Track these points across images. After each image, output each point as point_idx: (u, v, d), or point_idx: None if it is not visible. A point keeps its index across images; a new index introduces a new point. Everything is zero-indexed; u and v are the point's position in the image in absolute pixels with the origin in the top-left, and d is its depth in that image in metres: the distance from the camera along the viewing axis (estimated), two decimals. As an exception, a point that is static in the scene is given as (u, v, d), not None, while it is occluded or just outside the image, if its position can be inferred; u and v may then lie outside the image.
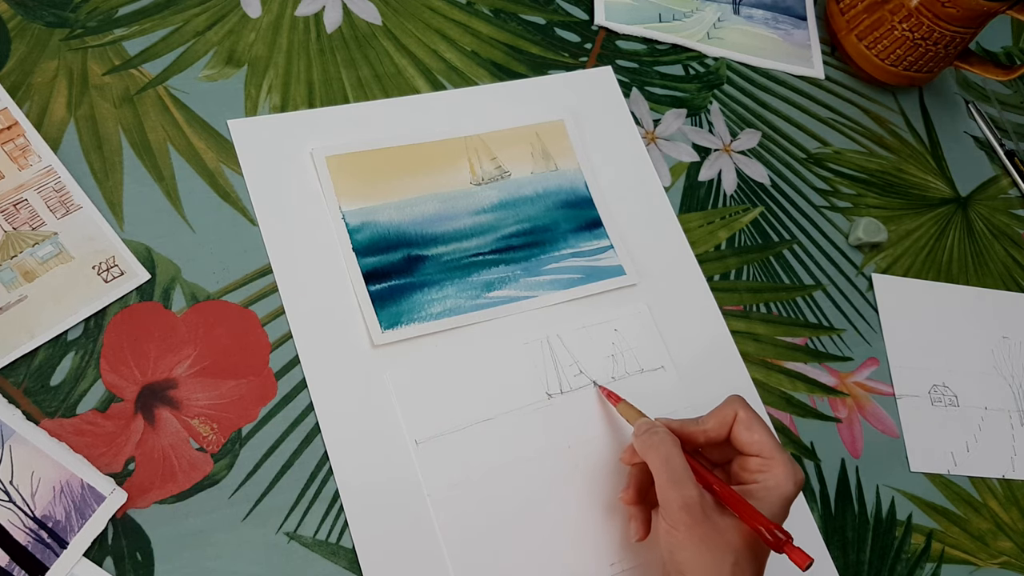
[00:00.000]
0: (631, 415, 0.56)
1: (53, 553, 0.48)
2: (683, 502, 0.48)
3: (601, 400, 0.59)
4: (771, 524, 0.48)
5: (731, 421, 0.53)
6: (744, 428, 0.52)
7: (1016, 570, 0.67)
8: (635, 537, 0.54)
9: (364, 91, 0.66)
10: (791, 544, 0.48)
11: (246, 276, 0.58)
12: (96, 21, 0.63)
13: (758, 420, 0.52)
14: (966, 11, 0.76)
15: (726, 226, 0.72)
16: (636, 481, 0.55)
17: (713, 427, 0.53)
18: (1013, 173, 0.86)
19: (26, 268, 0.54)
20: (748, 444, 0.52)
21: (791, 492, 0.50)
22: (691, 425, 0.53)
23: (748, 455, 0.52)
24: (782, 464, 0.51)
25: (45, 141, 0.57)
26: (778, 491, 0.50)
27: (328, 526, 0.53)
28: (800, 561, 0.47)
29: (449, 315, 0.60)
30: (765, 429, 0.52)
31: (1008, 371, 0.75)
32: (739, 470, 0.52)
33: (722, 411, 0.53)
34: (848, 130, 0.82)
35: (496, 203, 0.65)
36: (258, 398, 0.55)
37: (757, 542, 0.49)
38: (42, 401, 0.51)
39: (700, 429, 0.53)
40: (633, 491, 0.55)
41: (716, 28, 0.81)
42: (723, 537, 0.48)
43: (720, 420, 0.53)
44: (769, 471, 0.51)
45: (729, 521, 0.49)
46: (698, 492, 0.49)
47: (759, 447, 0.51)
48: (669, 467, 0.50)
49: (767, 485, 0.50)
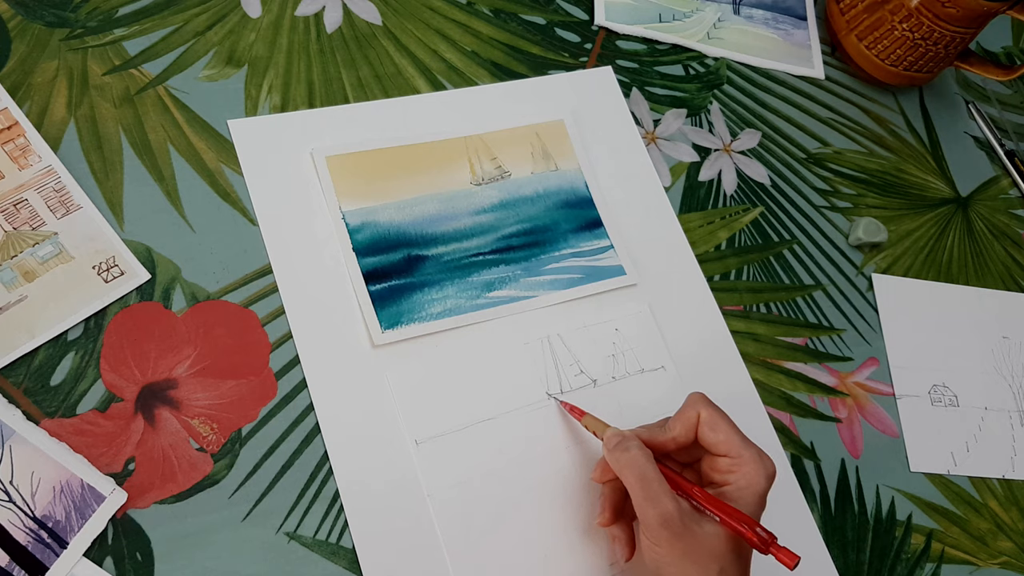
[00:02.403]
0: (598, 427, 0.55)
1: (53, 553, 0.48)
2: (662, 519, 0.48)
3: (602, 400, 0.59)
4: (755, 524, 0.48)
5: (695, 422, 0.52)
6: (709, 429, 0.51)
7: (1016, 570, 0.67)
8: (623, 559, 0.54)
9: (364, 91, 0.66)
10: (776, 544, 0.48)
11: (246, 276, 0.58)
12: (96, 21, 0.63)
13: (722, 418, 0.51)
14: (966, 11, 0.76)
15: (726, 226, 0.72)
16: (611, 502, 0.54)
17: (680, 432, 0.52)
18: (1013, 173, 0.86)
19: (26, 268, 0.54)
20: (714, 444, 0.51)
21: (764, 487, 0.50)
22: (659, 434, 0.53)
23: (716, 455, 0.51)
24: (751, 461, 0.50)
25: (45, 141, 0.57)
26: (751, 489, 0.50)
27: (328, 526, 0.53)
28: (787, 560, 0.47)
29: (449, 315, 0.60)
30: (730, 427, 0.51)
31: (1008, 371, 0.75)
32: (709, 470, 0.52)
33: (685, 413, 0.52)
34: (848, 130, 0.82)
35: (496, 203, 0.65)
36: (258, 398, 0.55)
37: (740, 545, 0.49)
38: (42, 401, 0.51)
39: (669, 437, 0.52)
40: (609, 512, 0.54)
41: (716, 28, 0.81)
42: (706, 546, 0.48)
43: (685, 424, 0.52)
44: (739, 470, 0.50)
45: (710, 528, 0.48)
46: (675, 505, 0.48)
47: (726, 447, 0.51)
48: (644, 484, 0.49)
49: (739, 485, 0.50)
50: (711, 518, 0.49)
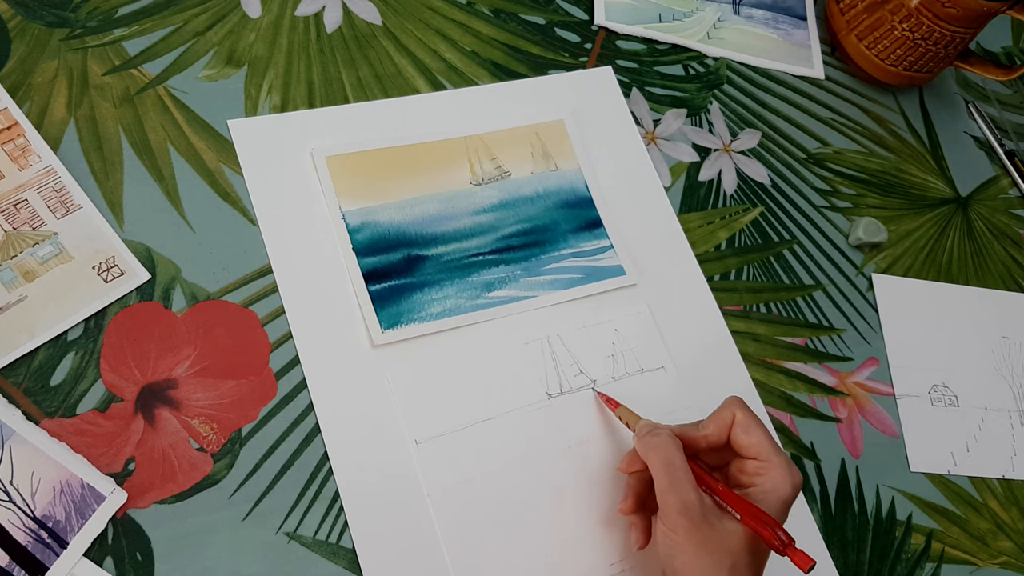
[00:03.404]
0: (631, 419, 0.56)
1: (53, 553, 0.48)
2: (682, 506, 0.48)
3: (599, 404, 0.59)
4: (777, 525, 0.48)
5: (730, 424, 0.52)
6: (742, 431, 0.52)
7: (1016, 570, 0.67)
8: (636, 546, 0.54)
9: (364, 91, 0.66)
10: (793, 546, 0.48)
11: (246, 276, 0.58)
12: (96, 21, 0.63)
13: (756, 422, 0.52)
14: (966, 11, 0.76)
15: (726, 226, 0.72)
16: (634, 491, 0.55)
17: (713, 432, 0.53)
18: (1013, 173, 0.86)
19: (26, 268, 0.54)
20: (746, 447, 0.52)
21: (789, 495, 0.50)
22: (691, 430, 0.53)
23: (746, 457, 0.52)
24: (779, 467, 0.51)
25: (45, 141, 0.57)
26: (776, 494, 0.50)
27: (328, 526, 0.53)
28: (802, 563, 0.47)
29: (449, 315, 0.60)
30: (763, 431, 0.52)
31: (1008, 371, 0.75)
32: (737, 472, 0.52)
33: (720, 414, 0.53)
34: (848, 130, 0.82)
35: (496, 203, 0.65)
36: (258, 398, 0.55)
37: (756, 545, 0.49)
38: (42, 401, 0.51)
39: (701, 435, 0.53)
40: (632, 500, 0.54)
41: (716, 28, 0.81)
42: (722, 541, 0.48)
43: (719, 424, 0.53)
44: (766, 474, 0.51)
45: (728, 525, 0.49)
46: (697, 496, 0.49)
47: (756, 449, 0.51)
48: (670, 470, 0.50)
49: (764, 488, 0.50)
50: (731, 516, 0.49)
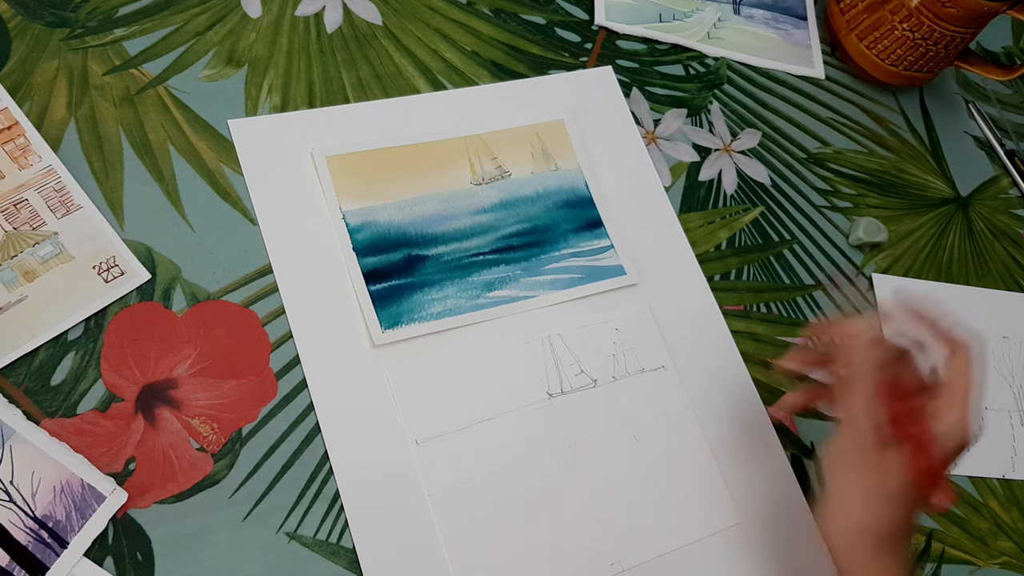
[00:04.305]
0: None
1: (53, 553, 0.48)
2: (874, 427, 0.52)
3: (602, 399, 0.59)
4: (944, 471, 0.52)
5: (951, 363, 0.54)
6: (955, 373, 0.53)
7: (1016, 570, 0.67)
8: (794, 402, 0.61)
9: (364, 91, 0.66)
10: (948, 488, 0.52)
11: (246, 276, 0.58)
12: (96, 21, 0.63)
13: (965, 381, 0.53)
14: (966, 11, 0.76)
15: (726, 226, 0.72)
16: (809, 390, 0.60)
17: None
18: (1013, 173, 0.86)
19: (26, 268, 0.54)
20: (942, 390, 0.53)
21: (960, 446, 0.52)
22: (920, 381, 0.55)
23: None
24: (955, 423, 0.52)
25: (45, 141, 0.57)
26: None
27: (328, 526, 0.53)
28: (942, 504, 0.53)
29: (449, 315, 0.60)
30: (966, 392, 0.53)
31: (1008, 371, 0.75)
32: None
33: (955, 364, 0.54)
34: (848, 130, 0.82)
35: (496, 203, 0.65)
36: (258, 398, 0.55)
37: (914, 485, 0.51)
38: (42, 401, 0.51)
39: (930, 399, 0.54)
40: (806, 395, 0.60)
41: (716, 28, 0.81)
42: (891, 467, 0.51)
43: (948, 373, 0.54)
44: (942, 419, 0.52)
45: (895, 458, 0.51)
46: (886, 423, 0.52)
47: (948, 398, 0.52)
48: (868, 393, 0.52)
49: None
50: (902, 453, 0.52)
